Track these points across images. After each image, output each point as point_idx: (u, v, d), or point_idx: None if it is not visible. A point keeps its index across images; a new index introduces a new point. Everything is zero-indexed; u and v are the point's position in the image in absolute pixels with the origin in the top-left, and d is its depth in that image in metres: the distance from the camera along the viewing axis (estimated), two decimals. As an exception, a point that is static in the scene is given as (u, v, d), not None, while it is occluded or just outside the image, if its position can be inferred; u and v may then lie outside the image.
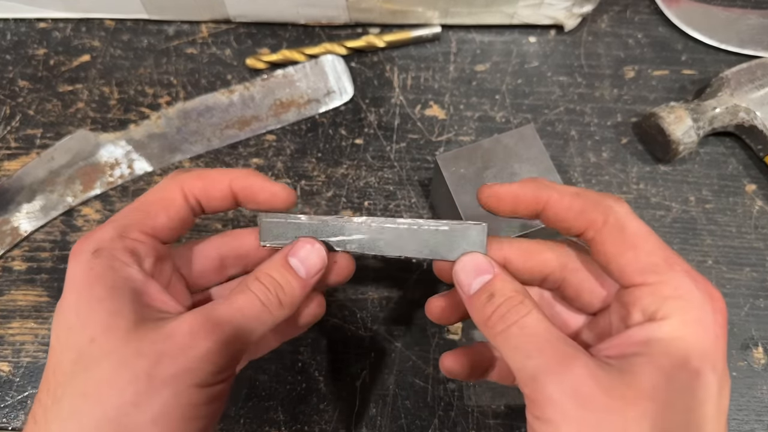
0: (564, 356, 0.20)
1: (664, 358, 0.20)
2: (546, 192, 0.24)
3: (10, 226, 0.42)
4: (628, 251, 0.22)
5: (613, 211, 0.22)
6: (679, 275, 0.21)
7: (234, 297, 0.25)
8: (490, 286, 0.23)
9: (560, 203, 0.24)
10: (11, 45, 0.48)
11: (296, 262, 0.26)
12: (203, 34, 0.48)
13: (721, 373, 0.20)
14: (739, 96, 0.42)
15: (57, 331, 0.23)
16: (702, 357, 0.20)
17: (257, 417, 0.37)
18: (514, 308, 0.22)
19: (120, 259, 0.24)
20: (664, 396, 0.19)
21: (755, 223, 0.42)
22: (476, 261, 0.24)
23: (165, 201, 0.26)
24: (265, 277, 0.26)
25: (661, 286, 0.21)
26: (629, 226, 0.22)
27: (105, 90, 0.46)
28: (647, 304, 0.21)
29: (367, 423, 0.37)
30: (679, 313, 0.21)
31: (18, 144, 0.44)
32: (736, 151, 0.45)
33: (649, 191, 0.43)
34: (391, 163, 0.44)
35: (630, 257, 0.22)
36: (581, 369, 0.20)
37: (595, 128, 0.45)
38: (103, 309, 0.22)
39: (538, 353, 0.21)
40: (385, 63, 0.47)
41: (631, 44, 0.48)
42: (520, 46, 0.48)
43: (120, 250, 0.24)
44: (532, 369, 0.20)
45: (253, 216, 0.43)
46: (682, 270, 0.21)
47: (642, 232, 0.22)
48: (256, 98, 0.46)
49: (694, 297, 0.21)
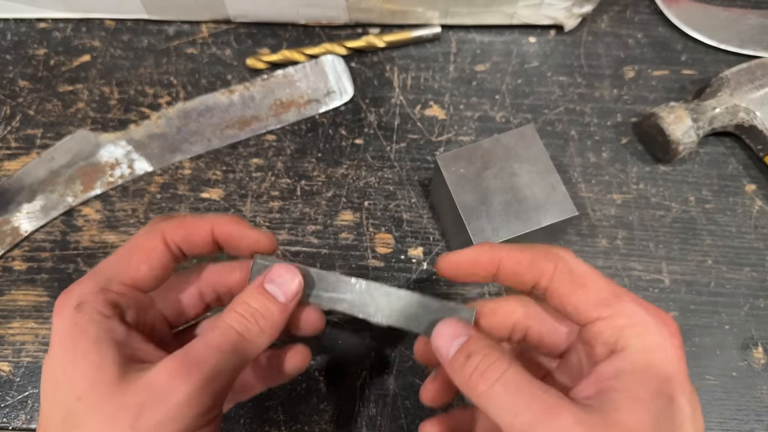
0: (550, 407, 0.21)
1: (638, 389, 0.21)
2: (498, 253, 0.25)
3: (11, 226, 0.42)
4: (579, 290, 0.23)
5: (561, 258, 0.24)
6: (628, 305, 0.23)
7: (209, 334, 0.24)
8: (467, 347, 0.23)
9: (512, 259, 0.25)
10: (11, 45, 0.48)
11: (273, 287, 0.26)
12: (203, 34, 0.48)
13: (690, 394, 0.21)
14: (739, 96, 0.43)
15: (45, 388, 0.24)
16: (670, 382, 0.21)
17: (257, 417, 0.37)
18: (493, 365, 0.22)
19: (102, 313, 0.24)
20: (646, 427, 0.20)
21: (755, 223, 0.43)
22: (451, 326, 0.24)
23: (146, 250, 0.26)
24: (241, 305, 0.25)
25: (615, 317, 0.22)
26: (576, 269, 0.24)
27: (105, 90, 0.46)
28: (607, 337, 0.22)
29: (367, 423, 0.37)
30: (638, 340, 0.22)
31: (18, 144, 0.44)
32: (736, 151, 0.45)
33: (649, 191, 0.43)
34: (391, 163, 0.44)
35: (581, 296, 0.23)
36: (568, 417, 0.20)
37: (595, 128, 0.45)
38: (88, 363, 0.23)
39: (526, 409, 0.21)
40: (385, 63, 0.47)
41: (631, 44, 0.48)
42: (520, 46, 0.48)
43: (101, 303, 0.24)
44: (521, 426, 0.21)
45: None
46: (630, 299, 0.23)
47: (589, 273, 0.24)
48: (256, 98, 0.46)
49: (648, 323, 0.22)
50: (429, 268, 0.41)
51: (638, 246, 0.42)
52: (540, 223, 0.35)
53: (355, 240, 0.42)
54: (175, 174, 0.43)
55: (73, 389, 0.23)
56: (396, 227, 0.42)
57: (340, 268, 0.41)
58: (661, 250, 0.42)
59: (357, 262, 0.41)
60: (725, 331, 0.40)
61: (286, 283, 0.26)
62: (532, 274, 0.24)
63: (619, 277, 0.41)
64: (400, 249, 0.41)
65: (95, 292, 0.24)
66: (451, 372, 0.24)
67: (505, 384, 0.22)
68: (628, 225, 0.42)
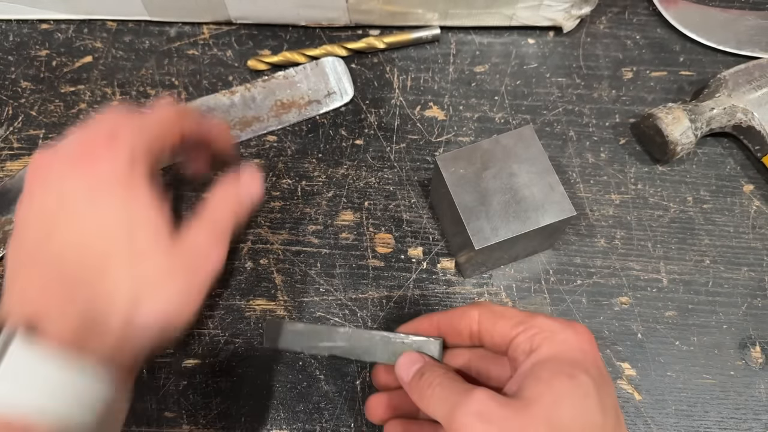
0: (466, 391, 0.25)
1: (542, 371, 0.25)
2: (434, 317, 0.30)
3: (13, 226, 0.42)
4: (499, 320, 0.28)
5: (483, 305, 0.29)
6: (540, 319, 0.27)
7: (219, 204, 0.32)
8: (420, 370, 0.28)
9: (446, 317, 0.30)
10: (14, 46, 0.48)
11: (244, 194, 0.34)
12: (204, 35, 0.49)
13: (596, 375, 0.25)
14: (737, 97, 0.43)
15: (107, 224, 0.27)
16: (573, 365, 0.25)
17: (258, 416, 0.38)
18: (437, 377, 0.27)
19: (151, 172, 0.29)
20: (549, 399, 0.24)
21: (753, 223, 0.43)
22: (411, 356, 0.29)
23: (172, 137, 0.31)
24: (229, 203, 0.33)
25: (528, 330, 0.26)
26: (495, 308, 0.28)
27: (107, 91, 0.46)
28: (523, 346, 0.26)
29: (367, 422, 0.37)
30: (547, 341, 0.26)
31: (20, 144, 0.44)
32: (734, 151, 0.45)
33: (647, 191, 0.44)
34: (391, 163, 0.44)
35: (502, 323, 0.27)
36: (481, 395, 0.24)
37: (593, 129, 0.46)
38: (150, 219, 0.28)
39: (448, 396, 0.25)
40: (385, 64, 0.48)
41: (629, 45, 0.48)
42: (519, 47, 0.48)
43: (150, 163, 0.29)
44: (447, 411, 0.25)
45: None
46: (543, 316, 0.27)
47: (506, 308, 0.28)
48: (257, 99, 0.46)
49: (556, 328, 0.26)
50: (429, 267, 0.41)
51: (636, 246, 0.42)
52: (539, 223, 0.35)
53: (355, 240, 0.42)
54: (176, 174, 0.44)
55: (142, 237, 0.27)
56: (396, 227, 0.42)
57: (340, 268, 0.41)
58: (659, 250, 0.42)
59: (357, 262, 0.41)
60: (723, 331, 0.40)
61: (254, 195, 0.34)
62: (465, 322, 0.29)
63: (617, 277, 0.41)
64: (400, 249, 0.42)
65: (145, 151, 0.29)
66: (410, 392, 0.28)
67: (440, 385, 0.26)
68: (627, 225, 0.43)
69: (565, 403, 0.24)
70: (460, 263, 0.41)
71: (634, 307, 0.40)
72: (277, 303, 0.40)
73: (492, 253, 0.37)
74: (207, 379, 0.38)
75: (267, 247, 0.42)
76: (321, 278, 0.41)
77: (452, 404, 0.25)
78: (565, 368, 0.25)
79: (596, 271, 0.41)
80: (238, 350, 0.39)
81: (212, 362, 0.39)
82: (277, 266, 0.41)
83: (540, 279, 0.41)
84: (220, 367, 0.39)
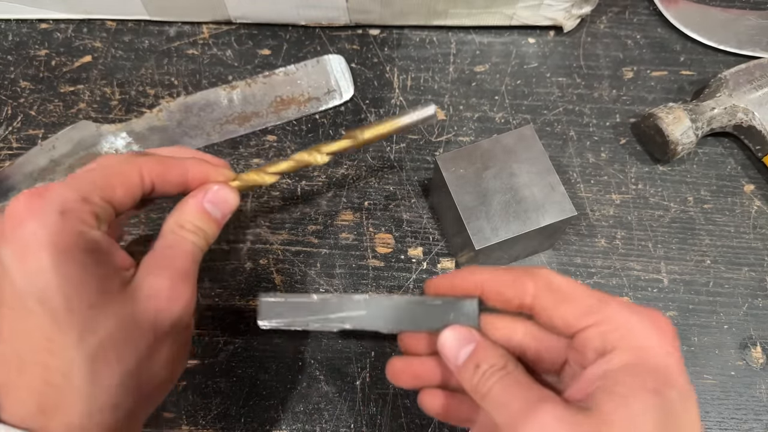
0: (533, 402, 0.22)
1: (620, 385, 0.21)
2: (480, 276, 0.26)
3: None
4: (563, 303, 0.24)
5: (540, 275, 0.25)
6: (615, 309, 0.23)
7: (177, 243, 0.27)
8: (475, 357, 0.25)
9: (494, 281, 0.26)
10: (13, 46, 0.48)
11: (211, 206, 0.29)
12: (204, 35, 0.49)
13: (681, 387, 0.21)
14: (738, 96, 0.43)
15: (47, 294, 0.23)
16: (657, 376, 0.21)
17: (258, 416, 0.37)
18: (497, 372, 0.24)
19: (88, 223, 0.25)
20: (628, 421, 0.20)
21: (753, 223, 0.43)
22: (459, 333, 0.26)
23: (123, 176, 0.27)
24: (190, 225, 0.28)
25: (600, 324, 0.23)
26: (557, 283, 0.24)
27: (106, 91, 0.46)
28: (594, 344, 0.23)
29: (367, 422, 0.37)
30: (623, 342, 0.22)
31: (19, 144, 0.44)
32: (735, 151, 0.45)
33: (648, 191, 0.44)
34: (391, 163, 0.44)
35: (566, 308, 0.24)
36: (548, 412, 0.21)
37: (593, 129, 0.45)
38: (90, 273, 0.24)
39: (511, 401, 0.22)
40: (385, 64, 0.47)
41: (629, 45, 0.48)
42: (520, 47, 0.48)
43: (87, 213, 0.25)
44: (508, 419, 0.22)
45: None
46: (618, 304, 0.23)
47: (570, 285, 0.24)
48: (257, 95, 0.46)
49: (634, 324, 0.22)
50: (429, 267, 0.41)
51: (637, 246, 0.42)
52: (539, 223, 0.35)
53: (355, 240, 0.42)
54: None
55: (83, 298, 0.23)
56: (396, 227, 0.42)
57: (340, 268, 0.41)
58: (659, 250, 0.42)
59: (357, 262, 0.41)
60: (724, 331, 0.40)
61: (226, 203, 0.29)
62: (514, 293, 0.25)
63: (617, 277, 0.41)
64: (400, 249, 0.42)
65: (78, 201, 0.25)
66: (460, 378, 0.25)
67: (500, 383, 0.23)
68: (627, 225, 0.42)
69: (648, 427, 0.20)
70: (461, 263, 0.40)
71: (635, 307, 0.40)
72: (276, 303, 0.40)
73: (492, 253, 0.37)
74: (206, 379, 0.38)
75: (266, 247, 0.42)
76: (321, 278, 0.41)
77: (515, 414, 0.22)
78: (647, 381, 0.21)
79: (597, 271, 0.41)
80: (237, 350, 0.39)
81: (212, 362, 0.39)
82: (276, 266, 0.41)
83: (540, 279, 0.41)
84: (220, 367, 0.38)
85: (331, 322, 0.27)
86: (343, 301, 0.27)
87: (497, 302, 0.26)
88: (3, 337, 0.24)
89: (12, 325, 0.24)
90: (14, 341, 0.24)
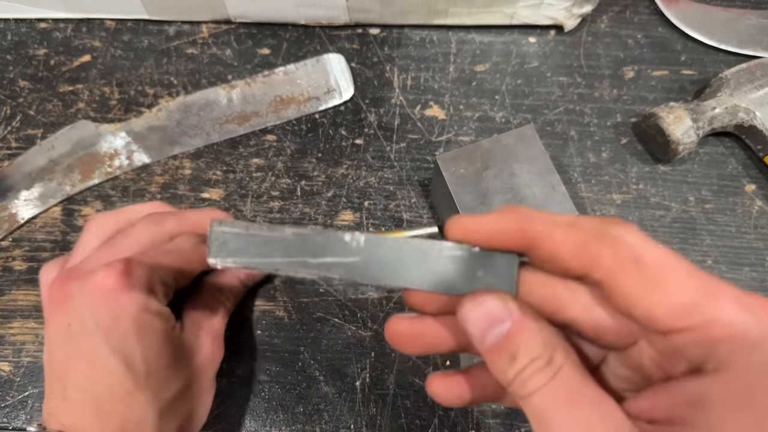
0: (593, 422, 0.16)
1: (731, 422, 0.15)
2: (531, 225, 0.19)
3: (8, 213, 0.42)
4: (655, 290, 0.17)
5: (623, 242, 0.17)
6: (725, 305, 0.17)
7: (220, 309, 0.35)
8: (511, 343, 0.18)
9: (551, 240, 0.18)
10: (12, 45, 0.48)
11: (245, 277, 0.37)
12: (204, 34, 0.48)
13: None
14: (739, 96, 0.43)
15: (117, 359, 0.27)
16: None
17: (258, 417, 0.37)
18: (540, 371, 0.17)
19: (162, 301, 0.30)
20: None
21: (755, 223, 0.43)
22: (486, 305, 0.19)
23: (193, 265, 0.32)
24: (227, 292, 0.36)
25: (707, 328, 0.16)
26: (647, 256, 0.17)
27: (105, 90, 0.46)
28: (692, 353, 0.17)
29: (367, 422, 0.37)
30: (735, 361, 0.16)
31: (18, 144, 0.44)
32: (736, 151, 0.45)
33: (649, 191, 0.43)
34: (391, 163, 0.44)
35: (658, 297, 0.17)
36: None
37: (594, 128, 0.45)
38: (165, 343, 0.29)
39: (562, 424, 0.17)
40: (385, 63, 0.47)
41: (630, 44, 0.48)
42: (520, 46, 0.48)
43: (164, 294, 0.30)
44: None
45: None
46: (728, 296, 0.17)
47: (666, 262, 0.17)
48: (256, 94, 0.46)
49: (751, 332, 0.16)
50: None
51: (638, 246, 0.42)
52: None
53: (355, 240, 0.42)
54: (175, 174, 0.44)
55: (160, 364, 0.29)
56: (396, 227, 0.42)
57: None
58: (660, 250, 0.42)
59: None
60: (725, 331, 0.40)
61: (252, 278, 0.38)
62: (578, 262, 0.18)
63: (618, 277, 0.41)
64: (400, 249, 0.41)
65: (160, 283, 0.30)
66: (489, 364, 0.19)
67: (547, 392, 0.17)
68: (628, 225, 0.42)
69: None
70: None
71: (636, 307, 0.40)
72: (276, 303, 0.40)
73: (493, 254, 0.37)
74: (206, 380, 0.38)
75: (266, 247, 0.41)
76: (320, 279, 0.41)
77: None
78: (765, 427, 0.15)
79: (597, 271, 0.41)
80: (237, 350, 0.39)
81: (211, 363, 0.38)
82: (276, 266, 0.41)
83: (541, 279, 0.41)
84: (220, 367, 0.38)
85: (310, 267, 0.20)
86: (329, 240, 0.20)
87: (551, 268, 0.19)
88: (79, 385, 0.27)
89: (91, 378, 0.27)
90: (93, 391, 0.27)
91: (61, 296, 0.29)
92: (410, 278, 0.20)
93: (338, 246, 0.20)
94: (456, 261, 0.19)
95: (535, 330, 0.18)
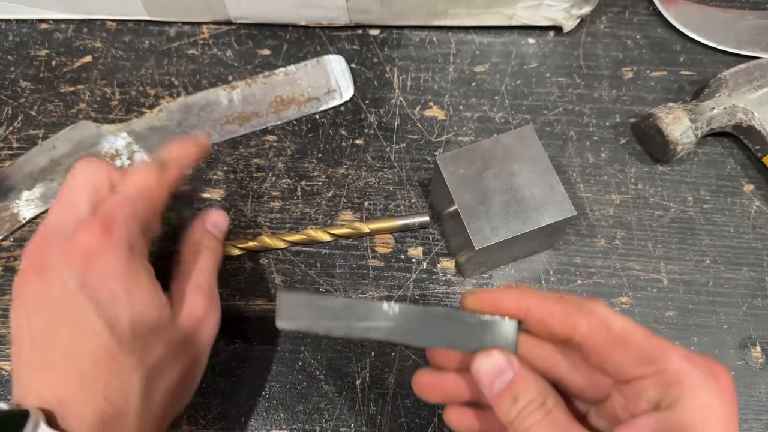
0: None
1: None
2: (527, 299, 0.25)
3: (10, 213, 0.42)
4: (619, 348, 0.22)
5: (595, 313, 0.23)
6: (675, 360, 0.21)
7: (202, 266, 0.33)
8: (513, 389, 0.23)
9: (541, 309, 0.24)
10: (13, 46, 0.48)
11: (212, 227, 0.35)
12: (204, 35, 0.49)
13: None
14: (737, 96, 0.43)
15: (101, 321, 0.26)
16: None
17: (258, 416, 0.37)
18: (536, 411, 0.23)
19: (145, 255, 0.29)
20: None
21: (753, 223, 0.43)
22: (494, 359, 0.24)
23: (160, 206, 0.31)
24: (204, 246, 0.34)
25: (660, 375, 0.21)
26: (614, 324, 0.23)
27: (106, 91, 0.46)
28: (650, 394, 0.21)
29: (367, 422, 0.37)
30: (683, 400, 0.21)
31: (20, 144, 0.44)
32: (734, 151, 0.45)
33: (648, 191, 0.44)
34: (391, 163, 0.44)
35: (622, 353, 0.22)
36: None
37: (593, 129, 0.45)
38: (150, 304, 0.28)
39: None
40: (385, 64, 0.47)
41: (629, 45, 0.48)
42: (519, 47, 0.48)
43: (144, 246, 0.29)
44: None
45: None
46: (678, 354, 0.22)
47: (628, 327, 0.23)
48: (257, 95, 0.46)
49: (696, 380, 0.21)
50: (429, 267, 0.41)
51: (637, 246, 0.42)
52: (539, 223, 0.35)
53: (355, 240, 0.42)
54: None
55: (145, 325, 0.28)
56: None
57: (340, 268, 0.41)
58: (659, 250, 0.42)
59: (357, 261, 0.41)
60: (723, 331, 0.40)
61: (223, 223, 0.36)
62: (563, 329, 0.23)
63: (617, 277, 0.41)
64: (400, 249, 0.42)
65: (140, 235, 0.29)
66: (495, 408, 0.24)
67: (541, 427, 0.22)
68: (627, 225, 0.42)
69: None
70: (460, 263, 0.41)
71: (635, 307, 0.40)
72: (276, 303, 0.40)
73: (492, 253, 0.37)
74: (206, 379, 0.38)
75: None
76: (321, 278, 0.41)
77: None
78: None
79: (596, 271, 0.41)
80: (237, 350, 0.39)
81: (212, 362, 0.38)
82: (277, 266, 0.41)
83: (540, 279, 0.41)
84: (220, 367, 0.38)
85: (356, 330, 0.25)
86: (371, 309, 0.25)
87: (541, 332, 0.25)
88: (62, 351, 0.26)
89: (75, 342, 0.26)
90: (77, 357, 0.26)
91: (41, 263, 0.28)
92: (434, 339, 0.25)
93: (377, 313, 0.25)
94: (469, 326, 0.25)
95: (532, 379, 0.24)
